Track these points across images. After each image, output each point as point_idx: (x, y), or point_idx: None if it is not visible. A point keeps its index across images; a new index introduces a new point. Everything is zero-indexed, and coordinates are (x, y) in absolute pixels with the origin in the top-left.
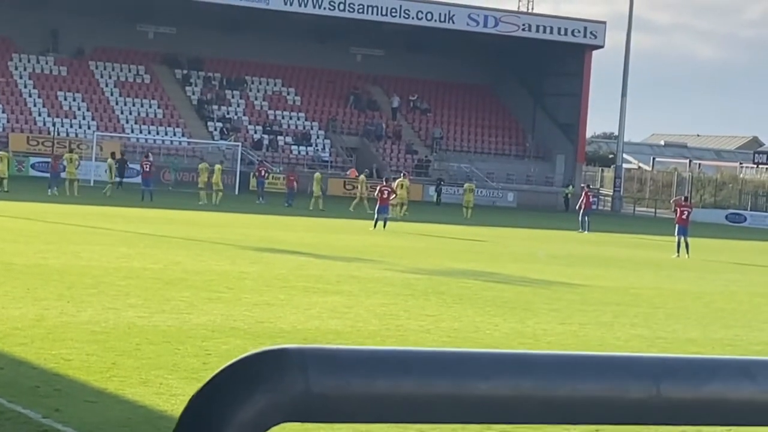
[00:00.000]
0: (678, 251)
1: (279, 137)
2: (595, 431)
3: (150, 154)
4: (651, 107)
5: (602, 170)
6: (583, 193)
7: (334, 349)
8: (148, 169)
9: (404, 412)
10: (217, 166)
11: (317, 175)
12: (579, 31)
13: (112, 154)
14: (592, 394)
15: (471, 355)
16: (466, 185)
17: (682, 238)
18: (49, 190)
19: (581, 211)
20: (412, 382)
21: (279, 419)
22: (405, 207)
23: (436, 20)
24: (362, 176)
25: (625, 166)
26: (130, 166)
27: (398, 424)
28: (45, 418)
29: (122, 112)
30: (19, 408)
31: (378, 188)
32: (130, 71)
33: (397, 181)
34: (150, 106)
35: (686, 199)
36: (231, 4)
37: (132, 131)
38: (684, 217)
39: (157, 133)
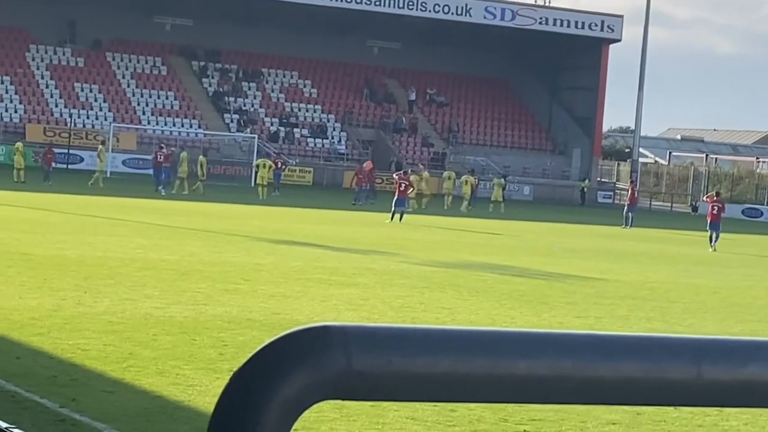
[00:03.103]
0: (711, 245)
1: (295, 129)
2: (637, 414)
3: (164, 145)
4: (668, 102)
5: (618, 164)
6: (630, 189)
7: (375, 327)
8: (161, 160)
9: (444, 391)
10: (265, 162)
11: (466, 177)
12: (596, 25)
13: (204, 150)
14: (632, 374)
15: (511, 335)
16: (494, 180)
17: (714, 233)
18: (162, 190)
19: (626, 206)
20: (452, 361)
21: (320, 397)
22: (467, 202)
23: (453, 13)
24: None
25: (641, 160)
26: (143, 157)
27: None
28: (62, 407)
29: (139, 104)
30: (36, 397)
31: (396, 180)
32: (147, 63)
33: (463, 177)
34: (167, 98)
35: (717, 194)
36: None
37: (148, 123)
38: (714, 212)
39: (174, 125)
